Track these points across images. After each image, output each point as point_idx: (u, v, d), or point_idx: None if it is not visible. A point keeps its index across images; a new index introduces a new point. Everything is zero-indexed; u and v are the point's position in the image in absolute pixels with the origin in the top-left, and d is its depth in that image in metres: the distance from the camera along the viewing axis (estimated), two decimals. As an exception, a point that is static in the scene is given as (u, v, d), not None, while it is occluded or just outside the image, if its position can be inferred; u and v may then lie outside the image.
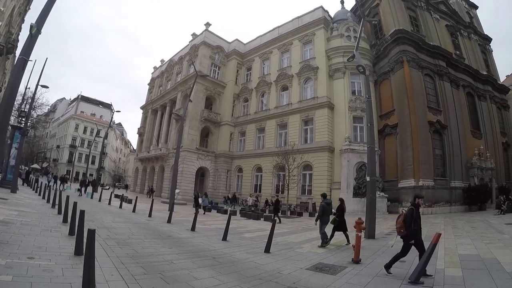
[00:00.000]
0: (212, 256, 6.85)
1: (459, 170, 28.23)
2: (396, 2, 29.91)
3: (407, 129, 25.91)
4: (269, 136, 30.77)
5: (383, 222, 16.51)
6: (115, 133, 79.50)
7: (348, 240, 9.38)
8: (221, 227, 10.14)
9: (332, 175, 25.87)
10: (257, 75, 34.56)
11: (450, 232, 12.32)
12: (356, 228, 6.98)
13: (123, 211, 15.69)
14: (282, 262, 6.63)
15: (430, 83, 29.16)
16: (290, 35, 32.20)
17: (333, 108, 27.39)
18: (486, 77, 35.57)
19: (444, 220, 18.12)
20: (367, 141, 12.92)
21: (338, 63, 28.02)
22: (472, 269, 6.11)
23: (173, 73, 41.19)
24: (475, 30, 39.05)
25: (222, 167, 32.99)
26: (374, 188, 11.88)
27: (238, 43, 37.72)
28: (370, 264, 6.68)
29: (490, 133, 33.59)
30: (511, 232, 11.57)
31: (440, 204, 25.50)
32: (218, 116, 34.47)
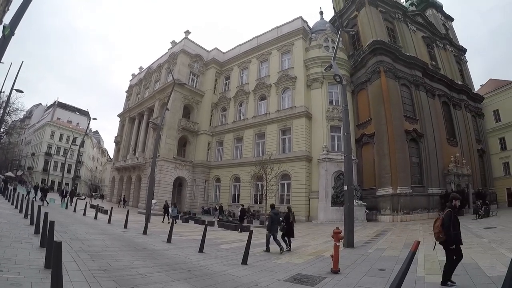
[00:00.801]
0: (188, 268, 6.65)
1: (436, 177, 28.58)
2: (374, 13, 30.37)
3: (384, 138, 26.02)
4: (247, 146, 30.44)
5: (362, 231, 16.67)
6: (92, 141, 77.54)
7: (289, 246, 10.14)
8: (198, 238, 9.82)
9: (310, 185, 25.73)
10: (235, 84, 34.31)
11: (429, 238, 12.31)
12: (334, 237, 6.85)
13: (98, 222, 15.34)
14: (259, 274, 6.50)
15: (406, 93, 29.53)
16: (269, 45, 32.15)
17: (311, 117, 27.35)
18: (461, 87, 36.49)
19: (423, 227, 18.19)
20: (344, 150, 12.87)
21: (316, 73, 28.03)
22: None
23: (151, 80, 40.46)
24: (451, 42, 40.14)
25: (199, 177, 32.34)
26: (352, 197, 11.85)
27: (217, 52, 37.44)
28: (350, 274, 6.54)
29: (466, 141, 34.32)
30: (489, 236, 11.80)
31: (418, 211, 25.61)
32: (196, 125, 33.92)
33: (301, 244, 11.76)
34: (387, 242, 11.87)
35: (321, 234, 15.35)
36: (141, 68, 46.20)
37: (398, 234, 14.83)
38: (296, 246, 10.87)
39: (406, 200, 24.72)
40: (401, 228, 18.02)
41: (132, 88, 46.07)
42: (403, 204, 24.45)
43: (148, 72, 41.70)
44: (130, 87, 47.10)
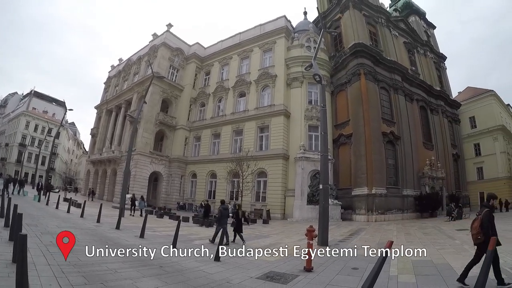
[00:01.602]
0: (159, 264, 6.45)
1: (411, 179, 29.03)
2: (358, 17, 30.52)
3: (362, 139, 26.28)
4: (224, 142, 30.14)
5: (336, 229, 16.57)
6: (68, 133, 75.09)
7: (243, 240, 10.63)
8: (172, 234, 9.53)
9: (286, 183, 25.76)
10: (215, 80, 33.93)
11: (403, 239, 12.56)
12: (307, 235, 6.78)
13: (71, 216, 14.92)
14: (232, 271, 6.39)
15: (385, 96, 29.85)
16: (251, 42, 31.93)
17: (289, 116, 27.31)
18: (439, 93, 37.23)
19: (397, 227, 18.46)
20: (321, 149, 12.83)
21: (297, 72, 27.99)
22: (425, 275, 6.12)
23: (130, 73, 39.53)
24: (432, 48, 40.91)
25: (176, 172, 31.80)
26: (327, 196, 11.78)
27: (198, 46, 36.96)
28: (323, 272, 6.50)
29: (441, 145, 35.05)
30: (462, 238, 11.87)
31: (393, 212, 26.07)
32: (173, 120, 33.35)
33: (275, 241, 11.63)
34: (360, 241, 11.94)
35: (295, 232, 15.28)
36: (120, 59, 45.08)
37: (372, 234, 14.96)
38: (270, 243, 10.85)
39: (381, 200, 25.09)
40: (375, 228, 18.20)
41: (111, 80, 44.94)
42: (378, 205, 24.79)
43: (128, 64, 40.74)
44: (109, 79, 45.93)
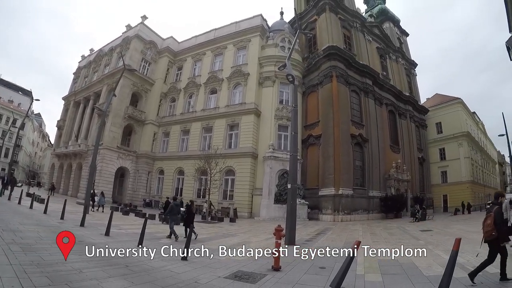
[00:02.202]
0: (125, 264, 6.27)
1: (377, 180, 29.69)
2: (333, 20, 30.82)
3: (330, 140, 26.55)
4: (193, 139, 29.65)
5: (303, 229, 16.57)
6: (33, 124, 71.41)
7: (195, 234, 10.74)
8: (138, 231, 9.28)
9: (254, 181, 25.62)
10: (187, 76, 33.34)
11: (369, 238, 12.73)
12: (275, 235, 6.77)
13: (34, 212, 14.44)
14: (200, 270, 6.31)
15: (355, 99, 30.35)
16: (225, 39, 31.58)
17: (260, 115, 27.21)
18: (408, 98, 38.33)
19: (363, 227, 18.71)
20: (290, 149, 12.75)
21: (269, 72, 27.91)
22: (391, 274, 6.21)
23: (101, 64, 38.17)
24: (403, 55, 42.11)
25: (143, 168, 31.02)
26: (295, 195, 11.75)
27: (172, 40, 36.22)
28: (291, 271, 6.50)
29: (408, 149, 36.11)
30: (426, 239, 12.19)
31: (359, 212, 26.60)
32: (143, 115, 32.47)
33: (242, 240, 11.52)
34: (327, 241, 12.02)
35: (263, 231, 15.20)
36: (92, 50, 43.50)
37: (339, 233, 15.11)
38: (237, 242, 10.79)
39: (347, 201, 25.50)
40: (341, 228, 18.39)
41: (81, 70, 43.29)
42: (344, 205, 25.17)
43: (99, 54, 39.37)
44: (79, 69, 44.24)
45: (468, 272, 5.50)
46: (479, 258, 5.71)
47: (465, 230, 15.33)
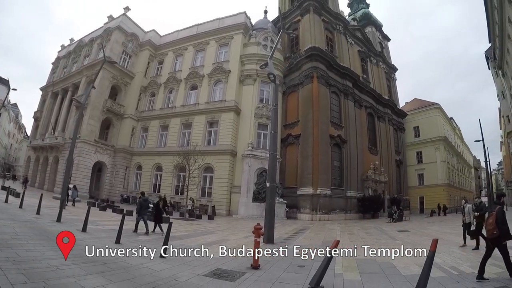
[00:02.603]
0: (103, 261, 6.18)
1: (355, 181, 30.21)
2: (317, 21, 31.05)
3: (309, 140, 26.82)
4: (172, 135, 29.32)
5: (282, 227, 16.76)
6: (9, 115, 69.07)
7: (161, 230, 11.28)
8: (115, 228, 9.20)
9: (233, 179, 25.62)
10: (168, 70, 32.90)
11: (347, 238, 12.88)
12: (254, 233, 6.80)
13: (9, 206, 14.10)
14: (178, 268, 6.23)
15: (335, 100, 30.72)
16: (208, 35, 31.33)
17: (240, 113, 27.19)
18: (387, 101, 39.12)
19: (340, 227, 18.96)
20: (269, 148, 12.87)
21: (251, 70, 27.90)
22: (369, 273, 6.28)
23: (81, 55, 37.22)
24: (384, 59, 42.90)
25: (121, 163, 30.44)
26: (273, 194, 11.78)
27: (154, 34, 35.67)
28: (269, 269, 6.52)
29: (386, 151, 36.88)
30: (403, 239, 12.46)
31: (337, 212, 27.01)
32: (122, 108, 31.84)
33: (221, 238, 11.52)
34: (306, 240, 12.13)
35: (241, 229, 15.24)
36: (72, 40, 42.38)
37: (317, 232, 15.24)
38: (216, 240, 10.81)
39: (325, 200, 25.80)
40: (319, 227, 18.61)
41: (60, 61, 42.07)
42: (322, 204, 25.46)
43: (79, 45, 38.36)
44: (58, 59, 42.98)
45: (447, 272, 5.82)
46: (455, 258, 5.87)
47: (441, 231, 15.71)
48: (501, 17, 24.82)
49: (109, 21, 35.49)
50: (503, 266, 6.07)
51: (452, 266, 6.61)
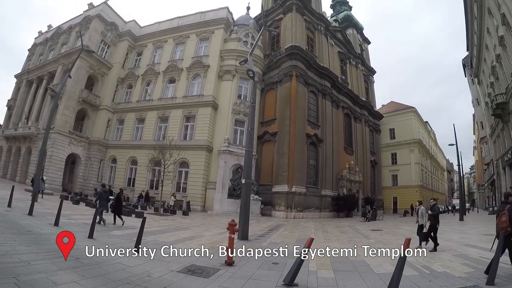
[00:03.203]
0: (76, 256, 5.93)
1: (330, 180, 30.74)
2: (299, 21, 31.30)
3: (286, 138, 27.07)
4: (148, 128, 28.99)
5: (256, 224, 16.73)
6: (-18, 102, 66.53)
7: (122, 221, 11.76)
8: (88, 222, 8.99)
9: (208, 175, 25.63)
10: (146, 62, 32.41)
11: (321, 236, 12.93)
12: (229, 229, 6.70)
13: None
14: (152, 264, 6.11)
15: (313, 100, 31.15)
16: (189, 28, 31.05)
17: (217, 108, 27.17)
18: (365, 103, 39.98)
19: (315, 225, 19.08)
20: (246, 144, 12.73)
21: (230, 65, 27.93)
22: (343, 270, 6.31)
23: (58, 42, 36.10)
24: (363, 62, 43.76)
25: (95, 155, 29.85)
26: (248, 191, 11.73)
27: (134, 24, 35.03)
28: (244, 266, 6.44)
29: (361, 151, 37.76)
30: (376, 238, 12.61)
31: (311, 210, 27.44)
32: (97, 99, 31.15)
33: (195, 234, 11.39)
34: (280, 237, 12.15)
35: (216, 225, 15.15)
36: (50, 26, 41.03)
37: (291, 230, 15.30)
38: (190, 236, 10.69)
39: (300, 198, 26.21)
40: (294, 224, 18.75)
41: (36, 47, 40.67)
42: (297, 202, 25.83)
43: (57, 32, 37.18)
44: (34, 46, 41.56)
45: (419, 271, 6.04)
46: (427, 257, 6.45)
47: (414, 231, 15.69)
48: (480, 27, 25.86)
49: (89, 9, 34.57)
50: (474, 266, 6.46)
51: (424, 265, 6.74)
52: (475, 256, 7.72)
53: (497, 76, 24.50)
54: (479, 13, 24.57)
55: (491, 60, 25.21)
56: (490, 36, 23.77)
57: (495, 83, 25.80)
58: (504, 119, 24.99)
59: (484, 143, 42.14)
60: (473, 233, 13.88)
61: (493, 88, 26.55)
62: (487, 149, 40.54)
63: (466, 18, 30.62)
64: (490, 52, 24.82)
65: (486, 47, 26.29)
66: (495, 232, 5.95)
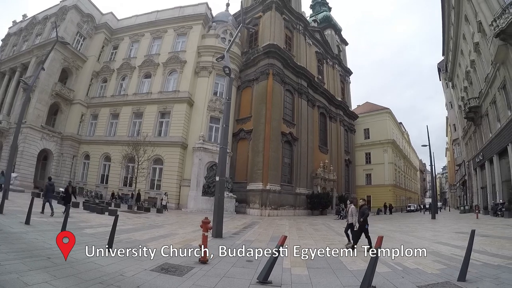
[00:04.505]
0: (47, 256, 5.86)
1: (305, 178, 31.28)
2: (278, 19, 31.55)
3: (261, 136, 27.34)
4: (122, 124, 28.52)
5: (231, 222, 16.80)
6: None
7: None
8: (60, 220, 8.79)
9: (182, 172, 25.51)
10: (122, 56, 31.86)
11: (295, 233, 13.00)
12: (202, 227, 6.65)
13: None
14: (125, 263, 5.99)
15: (289, 98, 31.63)
16: (167, 23, 30.74)
17: (193, 105, 27.10)
18: (340, 103, 40.86)
19: (289, 222, 19.30)
20: (220, 141, 12.81)
21: (207, 62, 27.93)
22: (317, 268, 6.30)
23: (33, 33, 34.91)
24: (340, 62, 44.62)
25: (68, 151, 29.10)
26: (223, 188, 11.72)
27: (111, 17, 34.28)
28: (218, 264, 6.39)
29: (336, 150, 38.61)
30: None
31: (286, 207, 27.86)
32: (71, 93, 30.39)
33: (169, 232, 11.33)
34: (254, 235, 12.15)
35: (190, 223, 15.03)
36: (25, 16, 39.58)
37: (266, 228, 15.33)
38: (164, 234, 10.63)
39: (274, 196, 26.54)
40: (268, 222, 18.80)
41: (10, 37, 39.11)
42: (272, 200, 26.15)
43: (32, 22, 35.92)
44: (8, 36, 39.94)
45: (391, 267, 6.24)
46: (400, 254, 6.24)
47: (387, 229, 16.16)
48: (456, 33, 26.92)
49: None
50: (446, 262, 6.69)
51: (397, 262, 6.81)
52: (447, 253, 7.84)
53: (471, 81, 25.62)
54: (456, 19, 25.57)
55: (465, 65, 26.30)
56: (465, 42, 24.73)
57: (468, 87, 26.98)
58: (477, 122, 26.22)
59: (457, 144, 43.82)
60: (445, 231, 14.14)
61: (467, 92, 27.70)
62: (459, 150, 42.26)
63: (443, 24, 31.71)
64: (465, 58, 25.88)
65: (461, 53, 27.33)
66: (466, 230, 6.19)
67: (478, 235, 9.42)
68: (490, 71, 19.66)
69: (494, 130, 21.48)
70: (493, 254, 7.23)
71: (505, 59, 16.89)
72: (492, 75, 19.52)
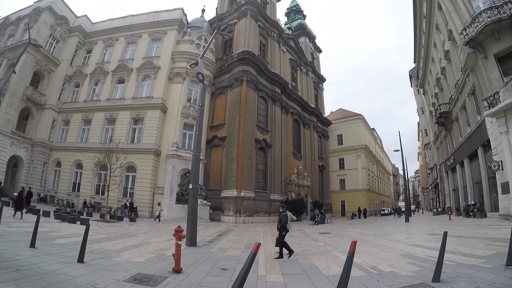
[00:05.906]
0: (17, 267, 5.69)
1: (279, 185, 31.59)
2: (252, 26, 31.99)
3: (235, 142, 27.48)
4: (95, 130, 28.03)
5: (205, 230, 16.74)
6: None
7: (21, 214, 14.04)
8: (30, 230, 8.49)
9: (156, 179, 25.24)
10: (95, 60, 31.38)
11: (270, 240, 12.92)
12: (175, 236, 6.56)
13: None
14: (97, 274, 5.86)
15: (263, 105, 32.10)
16: (141, 27, 30.61)
17: (166, 111, 27.05)
18: (314, 110, 41.82)
19: (264, 229, 19.31)
20: (193, 148, 12.69)
21: (181, 68, 28.05)
22: (292, 274, 6.34)
23: (5, 34, 33.59)
24: (314, 69, 45.71)
25: (38, 158, 28.20)
26: (196, 196, 11.71)
27: (86, 20, 33.72)
28: (192, 273, 6.34)
29: (309, 156, 39.35)
30: (325, 240, 12.89)
31: (260, 214, 27.97)
32: (43, 98, 29.60)
33: (142, 241, 11.12)
34: (229, 242, 12.09)
35: (164, 231, 14.91)
36: (-3, 15, 38.43)
37: (240, 235, 15.28)
38: (137, 243, 10.46)
39: (249, 203, 26.64)
40: (243, 229, 18.74)
41: (-19, 38, 37.98)
42: (246, 207, 26.24)
43: (4, 22, 34.59)
44: (-22, 37, 38.74)
45: (366, 271, 6.28)
46: (374, 258, 6.65)
47: (361, 233, 16.29)
48: (427, 41, 27.99)
49: (39, 0, 32.94)
50: (420, 264, 6.72)
51: (372, 265, 6.86)
52: (421, 255, 7.92)
53: (442, 87, 26.78)
54: (427, 28, 26.59)
55: (436, 72, 27.44)
56: (436, 50, 25.79)
57: (439, 93, 28.15)
58: (447, 127, 27.41)
59: (428, 149, 45.41)
60: (418, 233, 14.34)
61: (437, 98, 28.86)
62: (431, 154, 43.88)
63: (415, 32, 32.99)
64: (436, 65, 26.95)
65: (432, 60, 28.47)
66: (439, 231, 6.41)
67: (451, 236, 9.68)
68: (460, 77, 20.48)
69: (464, 134, 22.28)
70: (467, 254, 7.38)
71: (474, 66, 17.54)
72: (462, 81, 20.30)
